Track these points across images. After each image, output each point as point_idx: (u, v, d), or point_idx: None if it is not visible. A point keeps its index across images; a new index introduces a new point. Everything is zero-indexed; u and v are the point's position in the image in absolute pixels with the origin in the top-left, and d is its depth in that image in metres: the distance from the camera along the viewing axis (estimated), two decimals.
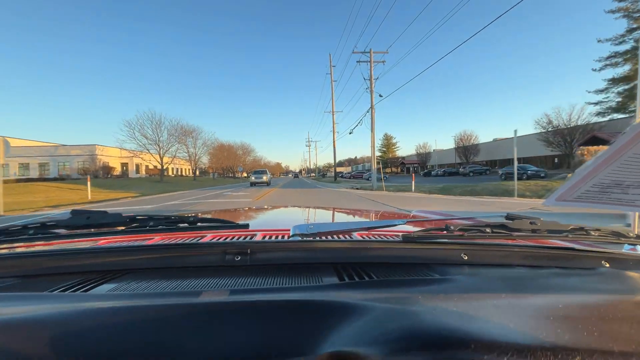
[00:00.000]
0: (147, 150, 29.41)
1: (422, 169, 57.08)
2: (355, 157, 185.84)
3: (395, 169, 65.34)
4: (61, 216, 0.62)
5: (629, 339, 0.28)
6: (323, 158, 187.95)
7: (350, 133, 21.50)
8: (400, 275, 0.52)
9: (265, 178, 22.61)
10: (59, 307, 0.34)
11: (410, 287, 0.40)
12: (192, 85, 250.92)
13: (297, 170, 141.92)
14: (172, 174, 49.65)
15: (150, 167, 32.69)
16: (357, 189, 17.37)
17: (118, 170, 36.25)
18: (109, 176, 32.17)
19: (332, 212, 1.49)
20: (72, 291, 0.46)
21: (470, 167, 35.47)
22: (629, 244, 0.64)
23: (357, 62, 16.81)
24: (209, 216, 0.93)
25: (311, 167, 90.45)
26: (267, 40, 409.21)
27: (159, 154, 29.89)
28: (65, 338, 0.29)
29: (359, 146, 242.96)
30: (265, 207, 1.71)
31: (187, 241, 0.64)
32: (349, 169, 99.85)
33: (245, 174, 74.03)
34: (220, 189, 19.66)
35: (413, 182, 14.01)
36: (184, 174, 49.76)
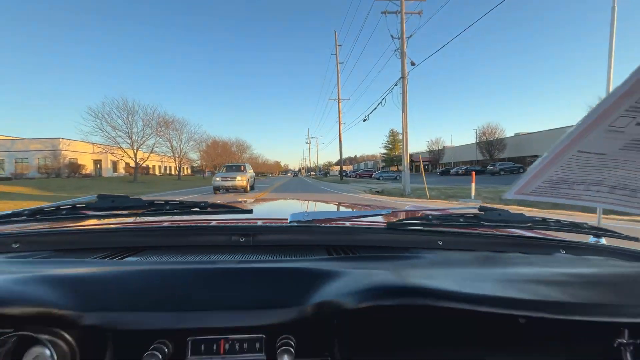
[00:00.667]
0: (118, 144, 24.28)
1: (433, 167, 51.62)
2: (355, 155, 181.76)
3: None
4: (89, 199, 0.70)
5: (560, 293, 0.35)
6: (323, 156, 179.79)
7: (364, 120, 16.47)
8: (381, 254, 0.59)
9: (239, 180, 11.99)
10: (103, 269, 0.41)
11: (386, 260, 0.48)
12: (187, 83, 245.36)
13: (297, 169, 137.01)
14: (158, 172, 44.69)
15: (133, 164, 28.04)
16: (379, 192, 12.42)
17: (89, 169, 31.32)
18: (75, 175, 27.21)
19: (326, 203, 1.63)
20: (108, 259, 0.54)
21: (501, 164, 30.49)
22: (589, 234, 0.70)
23: (381, 13, 11.69)
24: (217, 203, 0.97)
25: (311, 165, 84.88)
26: (265, 35, 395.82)
27: (132, 149, 24.85)
28: (110, 292, 0.36)
29: (358, 144, 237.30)
30: (267, 198, 2.19)
31: (199, 224, 0.73)
32: (349, 167, 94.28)
33: None
34: (192, 193, 14.65)
35: (473, 185, 9.07)
36: (173, 172, 44.79)
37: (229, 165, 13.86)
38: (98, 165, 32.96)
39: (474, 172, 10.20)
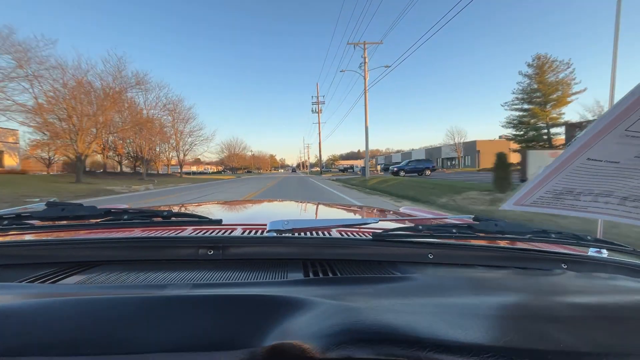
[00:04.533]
0: None
1: None
2: (359, 150, 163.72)
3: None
4: (36, 207, 0.64)
5: (560, 340, 0.29)
6: (317, 150, 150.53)
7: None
8: (366, 273, 0.55)
9: None
10: (24, 297, 0.35)
11: (368, 284, 0.42)
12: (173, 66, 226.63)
13: (294, 165, 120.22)
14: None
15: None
16: None
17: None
18: None
19: (310, 205, 1.46)
20: (41, 282, 0.48)
21: None
22: (593, 247, 0.67)
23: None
24: (184, 210, 0.85)
25: (311, 159, 65.40)
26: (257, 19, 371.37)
27: None
28: (28, 327, 0.30)
29: (354, 139, 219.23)
30: (243, 200, 1.88)
31: (160, 235, 0.65)
32: (350, 162, 71.27)
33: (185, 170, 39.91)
34: None
35: None
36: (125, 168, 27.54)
37: None
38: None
39: None
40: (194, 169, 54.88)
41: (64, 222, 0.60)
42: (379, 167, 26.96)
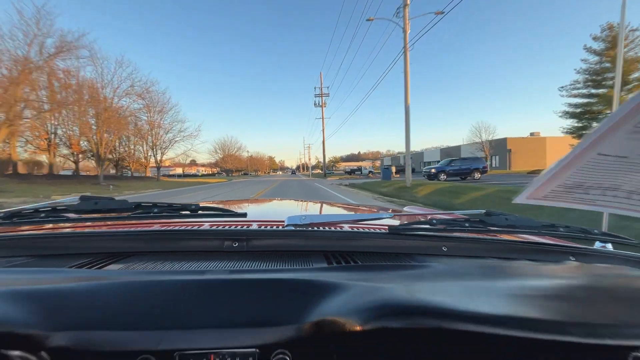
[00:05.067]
0: None
1: None
2: (359, 152, 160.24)
3: None
4: (71, 201, 0.68)
5: (568, 313, 0.33)
6: (317, 152, 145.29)
7: None
8: (384, 262, 0.58)
9: None
10: (77, 279, 0.38)
11: (390, 270, 0.46)
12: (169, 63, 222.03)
13: (294, 167, 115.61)
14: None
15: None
16: None
17: None
18: None
19: (324, 205, 1.52)
20: (86, 268, 0.51)
21: None
22: (599, 241, 0.70)
23: None
24: (209, 205, 0.94)
25: (311, 161, 60.95)
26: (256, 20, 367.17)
27: None
28: (84, 308, 0.32)
29: (354, 140, 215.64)
30: (259, 199, 2.04)
31: (189, 228, 0.69)
32: (351, 165, 66.26)
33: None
34: None
35: None
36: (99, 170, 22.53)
37: None
38: None
39: None
40: (179, 170, 49.94)
41: (97, 215, 0.62)
42: (393, 169, 22.08)
